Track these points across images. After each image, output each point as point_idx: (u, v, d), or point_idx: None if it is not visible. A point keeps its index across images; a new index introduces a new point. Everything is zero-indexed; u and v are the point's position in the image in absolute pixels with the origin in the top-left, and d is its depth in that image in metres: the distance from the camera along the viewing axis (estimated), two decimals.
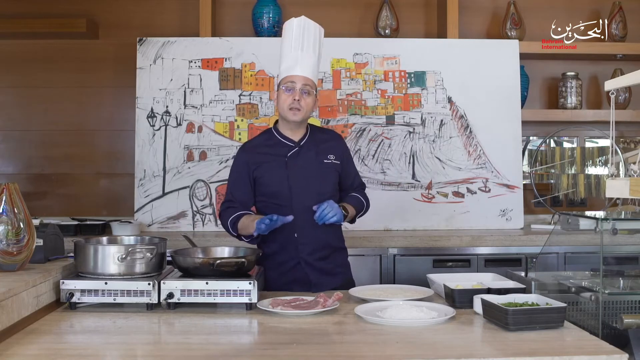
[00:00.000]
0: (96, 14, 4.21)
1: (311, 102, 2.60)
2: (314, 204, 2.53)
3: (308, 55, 2.60)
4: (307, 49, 2.60)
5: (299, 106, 2.55)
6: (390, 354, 1.71)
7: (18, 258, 2.08)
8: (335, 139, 2.77)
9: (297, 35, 2.60)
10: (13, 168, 4.23)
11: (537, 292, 2.25)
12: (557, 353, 1.68)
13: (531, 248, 3.54)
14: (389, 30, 4.16)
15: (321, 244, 2.62)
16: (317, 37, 2.64)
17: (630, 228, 2.43)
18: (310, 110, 2.61)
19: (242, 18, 4.20)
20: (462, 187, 3.97)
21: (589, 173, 4.04)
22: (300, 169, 2.61)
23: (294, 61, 2.58)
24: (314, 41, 2.62)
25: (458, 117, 3.99)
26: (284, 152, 2.62)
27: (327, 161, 2.66)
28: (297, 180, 2.59)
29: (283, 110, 2.59)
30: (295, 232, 2.57)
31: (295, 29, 2.61)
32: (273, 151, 2.63)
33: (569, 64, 4.32)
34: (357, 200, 2.73)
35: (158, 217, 3.88)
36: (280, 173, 2.60)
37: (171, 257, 2.29)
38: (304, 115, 2.58)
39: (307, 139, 2.66)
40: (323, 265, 2.62)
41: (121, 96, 4.17)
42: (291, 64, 2.59)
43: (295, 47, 2.59)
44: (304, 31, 2.61)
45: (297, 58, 2.58)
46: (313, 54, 2.61)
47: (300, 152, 2.63)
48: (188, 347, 1.79)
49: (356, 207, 2.70)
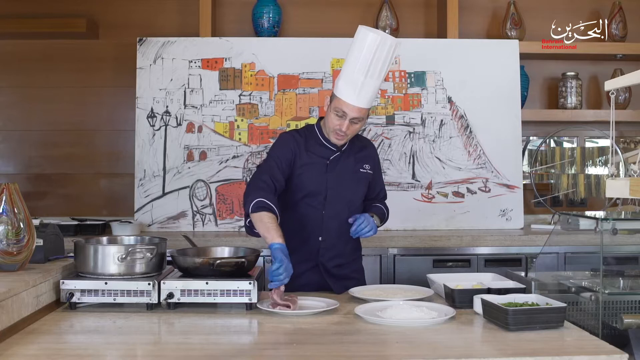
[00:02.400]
0: (96, 14, 4.21)
1: (358, 128, 2.50)
2: (344, 210, 2.54)
3: (371, 83, 2.38)
4: (372, 75, 2.37)
5: (344, 134, 2.48)
6: (390, 354, 1.71)
7: (18, 258, 2.08)
8: (370, 148, 2.75)
9: (366, 57, 2.35)
10: (13, 168, 4.23)
11: (537, 292, 2.25)
12: (557, 353, 1.68)
13: (531, 248, 3.54)
14: (389, 30, 4.16)
15: (342, 251, 2.62)
16: (388, 58, 2.38)
17: (630, 228, 2.44)
18: (356, 133, 2.56)
19: (242, 18, 4.20)
20: (462, 187, 3.97)
21: (589, 173, 4.04)
22: (338, 175, 2.58)
23: (353, 87, 2.37)
24: (382, 64, 2.37)
25: (458, 117, 3.99)
26: (327, 155, 2.58)
27: (363, 170, 2.64)
28: (333, 185, 2.56)
29: (329, 129, 2.51)
30: (320, 235, 2.56)
31: (367, 49, 2.35)
32: (317, 151, 2.58)
33: (569, 64, 4.31)
34: (380, 211, 2.70)
35: (158, 217, 3.88)
36: (320, 175, 2.55)
37: (171, 257, 2.29)
38: (346, 140, 2.54)
39: (347, 145, 2.62)
40: (339, 271, 2.60)
41: (121, 96, 4.16)
42: (349, 87, 2.38)
43: (360, 70, 2.36)
44: (375, 53, 2.35)
45: (357, 85, 2.37)
46: (377, 79, 2.39)
47: (341, 157, 2.60)
48: (188, 347, 1.79)
49: (380, 218, 2.68)
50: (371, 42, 2.34)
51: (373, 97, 2.44)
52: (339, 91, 2.42)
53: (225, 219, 3.89)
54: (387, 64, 2.40)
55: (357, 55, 2.37)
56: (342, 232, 2.55)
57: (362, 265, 2.78)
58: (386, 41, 2.36)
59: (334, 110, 2.44)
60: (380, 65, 2.37)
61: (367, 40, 2.35)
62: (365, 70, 2.36)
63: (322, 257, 2.58)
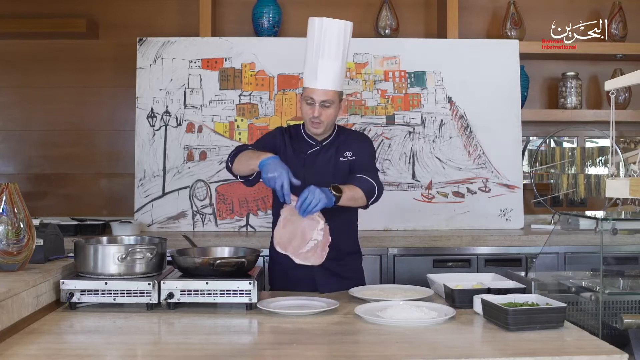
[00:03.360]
0: (96, 14, 4.21)
1: (333, 112, 2.52)
2: None
3: (328, 64, 2.45)
4: (327, 56, 2.44)
5: (319, 120, 2.51)
6: (390, 354, 1.71)
7: (18, 258, 2.08)
8: (356, 137, 2.72)
9: (318, 40, 2.45)
10: (13, 168, 4.23)
11: (537, 292, 2.25)
12: (557, 353, 1.68)
13: (531, 248, 3.54)
14: (389, 30, 4.16)
15: (334, 246, 2.49)
16: (340, 39, 2.47)
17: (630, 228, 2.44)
18: (333, 120, 2.56)
19: (242, 18, 4.20)
20: (462, 187, 3.97)
21: (589, 173, 4.04)
22: (316, 169, 2.59)
23: (312, 71, 2.47)
24: (336, 45, 2.46)
25: (458, 117, 3.99)
26: (305, 149, 2.61)
27: (343, 159, 2.61)
28: (312, 178, 2.51)
29: (305, 120, 2.58)
30: None
31: (316, 34, 2.46)
32: (298, 146, 2.62)
33: (569, 64, 4.31)
34: (361, 180, 2.47)
35: (158, 217, 3.88)
36: (298, 169, 2.52)
37: (171, 257, 2.29)
38: (325, 127, 2.55)
39: (330, 140, 2.63)
40: (332, 266, 2.55)
41: (121, 96, 4.17)
42: (310, 73, 2.48)
43: (315, 54, 2.45)
44: (323, 36, 2.45)
45: (315, 68, 2.45)
46: (335, 60, 2.46)
47: (320, 151, 2.62)
48: (188, 347, 1.79)
49: (361, 187, 2.44)
50: (318, 26, 2.47)
51: (336, 78, 2.49)
52: (304, 77, 2.53)
53: (225, 219, 3.89)
54: (341, 45, 2.48)
55: (309, 43, 2.49)
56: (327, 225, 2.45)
57: (361, 266, 2.76)
58: (333, 23, 2.48)
59: (303, 100, 2.53)
60: (335, 46, 2.46)
61: (314, 26, 2.49)
62: (319, 53, 2.45)
63: None
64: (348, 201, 2.41)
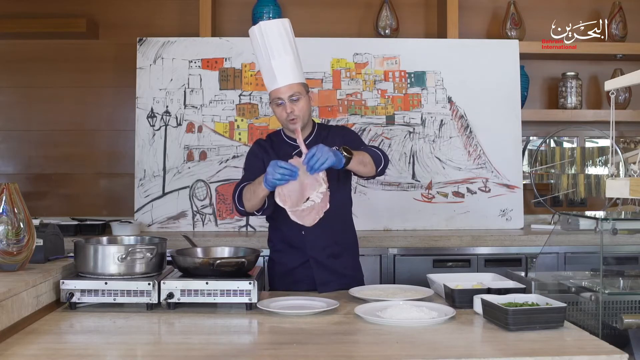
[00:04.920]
0: (96, 14, 4.21)
1: (305, 105, 2.54)
2: None
3: (281, 61, 2.48)
4: (277, 54, 2.48)
5: (294, 116, 2.52)
6: (390, 354, 1.71)
7: (18, 258, 2.08)
8: (342, 132, 2.74)
9: (263, 44, 2.49)
10: (13, 168, 4.23)
11: (537, 292, 2.25)
12: (557, 353, 1.68)
13: (531, 248, 3.54)
14: (389, 30, 4.16)
15: (330, 240, 2.60)
16: (283, 35, 2.50)
17: (630, 228, 2.43)
18: (307, 112, 2.57)
19: (242, 18, 4.20)
20: (462, 187, 3.97)
21: (589, 173, 4.04)
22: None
23: (270, 73, 2.50)
24: (282, 42, 2.49)
25: (458, 117, 3.99)
26: (290, 152, 2.60)
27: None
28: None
29: (282, 123, 2.60)
30: (302, 229, 2.54)
31: (259, 38, 2.50)
32: (282, 149, 2.63)
33: (569, 64, 4.31)
34: (366, 148, 2.55)
35: (158, 217, 3.88)
36: None
37: (171, 257, 2.29)
38: (303, 120, 2.55)
39: (312, 138, 2.64)
40: (332, 263, 2.59)
41: (121, 96, 4.17)
42: (269, 77, 2.51)
43: (266, 57, 2.49)
44: (266, 38, 2.48)
45: (271, 69, 2.49)
46: (286, 55, 2.49)
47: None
48: (188, 347, 1.79)
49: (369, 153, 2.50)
50: (258, 32, 2.49)
51: (294, 71, 2.51)
52: (266, 85, 2.54)
53: (225, 219, 3.89)
54: (286, 40, 2.49)
55: (257, 51, 2.53)
56: (324, 221, 2.41)
57: (359, 263, 2.76)
58: (270, 24, 2.51)
59: (273, 104, 2.55)
60: (280, 43, 2.48)
61: (254, 34, 2.51)
62: (268, 55, 2.49)
63: (311, 251, 2.58)
64: (358, 165, 2.42)
